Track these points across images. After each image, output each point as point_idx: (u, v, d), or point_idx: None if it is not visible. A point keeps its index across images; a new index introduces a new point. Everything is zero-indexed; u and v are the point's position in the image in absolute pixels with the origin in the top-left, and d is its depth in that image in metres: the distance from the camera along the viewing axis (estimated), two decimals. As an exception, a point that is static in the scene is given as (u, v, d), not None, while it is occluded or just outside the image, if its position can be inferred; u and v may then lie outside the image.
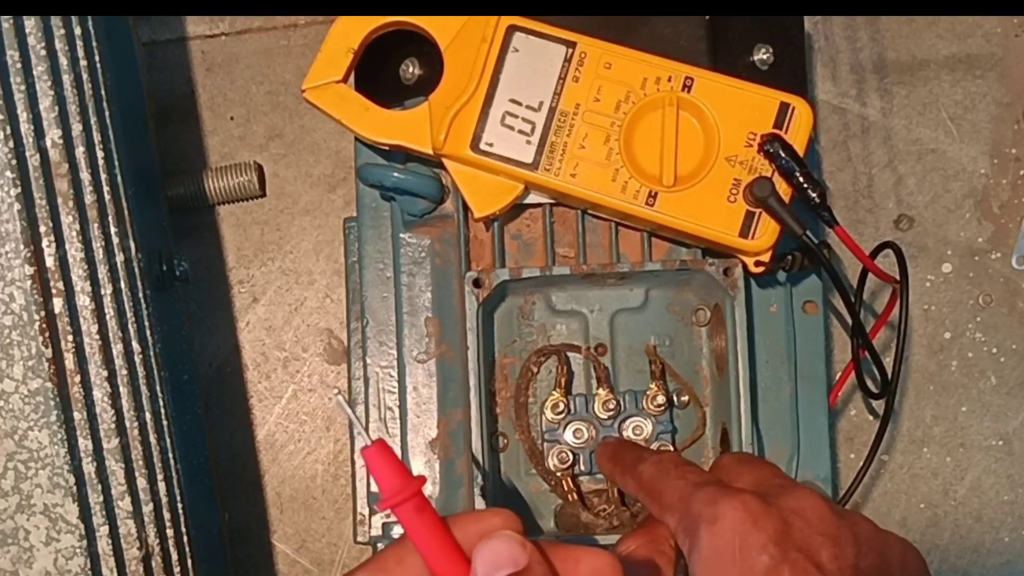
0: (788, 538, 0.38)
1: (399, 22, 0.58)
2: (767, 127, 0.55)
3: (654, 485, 0.45)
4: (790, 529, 0.38)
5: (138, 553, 0.51)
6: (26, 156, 0.46)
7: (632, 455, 0.49)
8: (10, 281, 0.46)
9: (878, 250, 0.59)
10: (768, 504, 0.39)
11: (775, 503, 0.40)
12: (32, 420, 0.47)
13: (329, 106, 0.57)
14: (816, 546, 0.38)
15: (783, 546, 0.38)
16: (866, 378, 0.65)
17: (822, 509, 0.40)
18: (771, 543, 0.38)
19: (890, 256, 0.59)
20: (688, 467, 0.45)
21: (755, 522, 0.38)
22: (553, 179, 0.56)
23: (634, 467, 0.47)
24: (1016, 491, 0.77)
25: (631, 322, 0.61)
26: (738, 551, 0.38)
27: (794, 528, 0.38)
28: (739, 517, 0.39)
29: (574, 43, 0.56)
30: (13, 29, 0.46)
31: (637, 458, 0.47)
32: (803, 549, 0.38)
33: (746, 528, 0.38)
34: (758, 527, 0.38)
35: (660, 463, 0.46)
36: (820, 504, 0.40)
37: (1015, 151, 0.79)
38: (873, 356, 0.61)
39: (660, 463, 0.46)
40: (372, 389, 0.63)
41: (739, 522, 0.38)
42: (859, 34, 0.80)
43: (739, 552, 0.38)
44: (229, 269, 0.79)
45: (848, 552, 0.38)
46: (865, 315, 0.66)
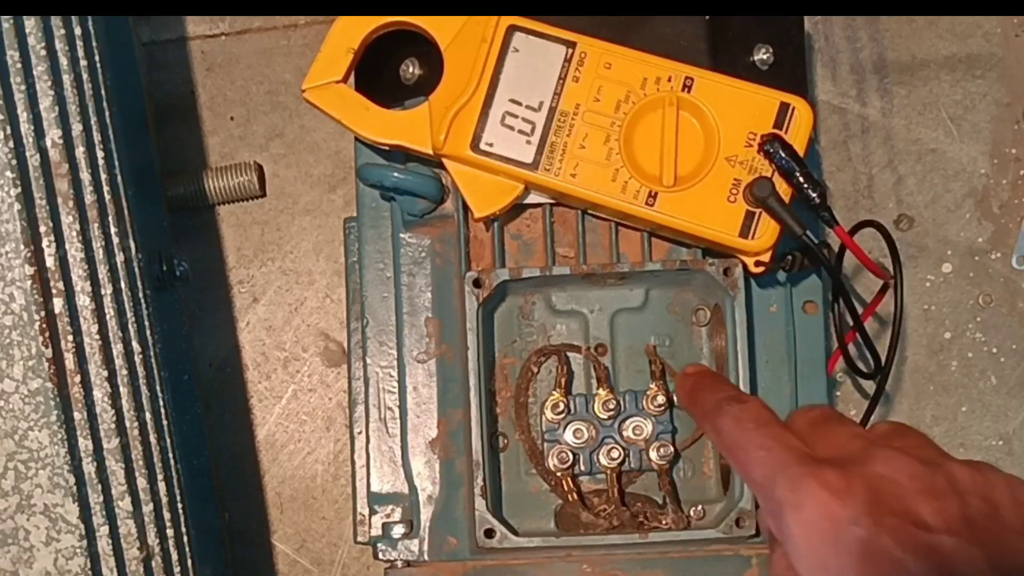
0: (880, 505, 0.36)
1: (399, 22, 0.58)
2: (767, 127, 0.55)
3: (734, 449, 0.42)
4: (881, 496, 0.36)
5: (138, 553, 0.51)
6: (26, 156, 0.46)
7: (711, 398, 0.45)
8: (10, 281, 0.46)
9: (859, 227, 0.58)
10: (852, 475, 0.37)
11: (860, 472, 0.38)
12: (32, 420, 0.47)
13: (329, 106, 0.57)
14: (914, 506, 0.36)
15: (876, 515, 0.36)
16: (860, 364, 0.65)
17: (912, 467, 0.37)
18: (863, 515, 0.36)
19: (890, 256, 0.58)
20: (772, 429, 0.41)
21: (841, 498, 0.36)
22: (553, 179, 0.56)
23: (714, 418, 0.44)
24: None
25: (631, 322, 0.61)
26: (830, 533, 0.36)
27: (885, 493, 0.36)
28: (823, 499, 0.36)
29: (574, 43, 0.56)
30: (13, 29, 0.46)
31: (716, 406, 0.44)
32: (900, 513, 0.36)
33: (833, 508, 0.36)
34: (844, 503, 0.36)
35: (740, 420, 0.42)
36: (909, 462, 0.38)
37: (1015, 151, 0.79)
38: (864, 339, 0.60)
39: (740, 420, 0.42)
40: (372, 389, 0.63)
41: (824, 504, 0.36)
42: (859, 34, 0.80)
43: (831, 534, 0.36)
44: (229, 269, 0.79)
45: (951, 503, 0.36)
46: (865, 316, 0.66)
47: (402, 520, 0.61)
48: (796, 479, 0.38)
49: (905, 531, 0.35)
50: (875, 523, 0.35)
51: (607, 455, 0.59)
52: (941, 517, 0.36)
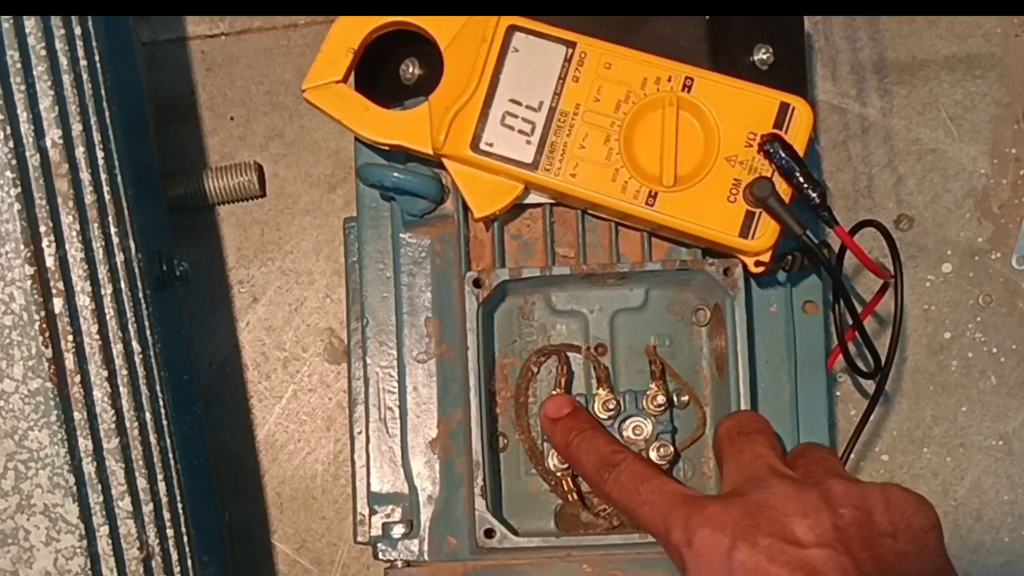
0: (756, 530, 0.39)
1: (399, 22, 0.58)
2: (767, 127, 0.55)
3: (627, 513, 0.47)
4: (757, 520, 0.40)
5: (138, 553, 0.51)
6: (26, 156, 0.46)
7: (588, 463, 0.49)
8: (10, 281, 0.46)
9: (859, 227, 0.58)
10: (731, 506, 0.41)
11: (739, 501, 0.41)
12: (32, 420, 0.47)
13: (329, 106, 0.57)
14: (788, 525, 0.39)
15: (752, 538, 0.39)
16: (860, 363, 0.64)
17: (788, 490, 0.41)
18: (739, 540, 0.39)
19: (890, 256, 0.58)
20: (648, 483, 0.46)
21: (722, 529, 0.40)
22: (553, 179, 0.56)
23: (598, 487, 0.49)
24: (1016, 491, 0.77)
25: (631, 322, 0.61)
26: (715, 561, 0.40)
27: (761, 518, 0.40)
28: (707, 531, 0.40)
29: (574, 43, 0.56)
30: (13, 29, 0.46)
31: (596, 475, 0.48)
32: (774, 533, 0.39)
33: (715, 537, 0.40)
34: (724, 532, 0.40)
35: (619, 484, 0.47)
36: (786, 486, 0.41)
37: (1015, 151, 0.79)
38: (864, 338, 0.60)
39: (619, 484, 0.47)
40: (372, 389, 0.63)
41: (708, 535, 0.40)
42: (859, 34, 0.80)
43: (716, 561, 0.40)
44: (229, 269, 0.79)
45: (823, 518, 0.39)
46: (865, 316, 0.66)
47: (402, 520, 0.61)
48: (683, 519, 0.42)
49: (779, 549, 0.38)
50: (751, 545, 0.39)
51: (607, 455, 0.59)
52: (813, 532, 0.39)
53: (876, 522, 0.40)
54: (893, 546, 0.39)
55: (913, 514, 0.40)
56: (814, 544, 0.38)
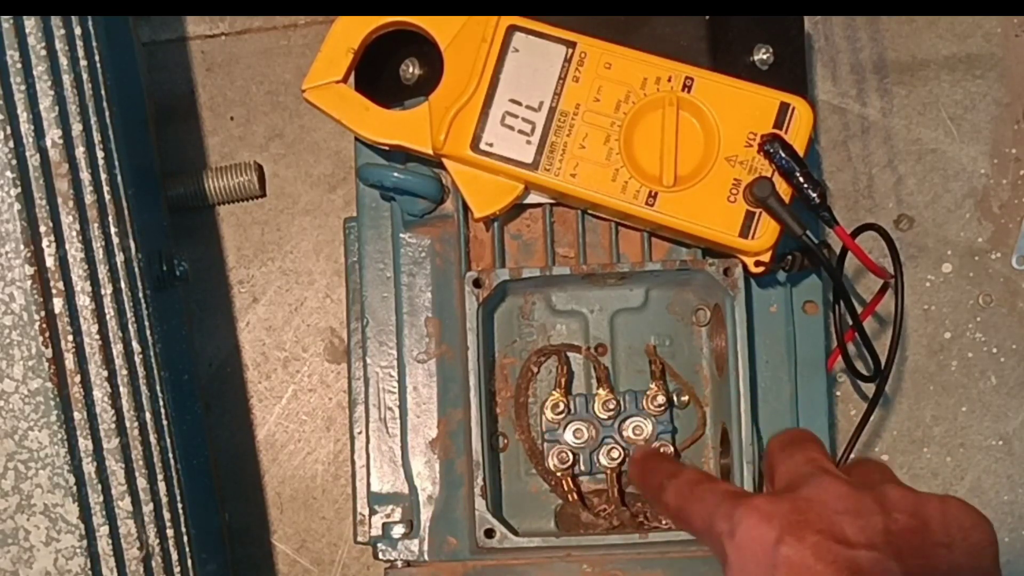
0: (805, 525, 0.38)
1: (399, 22, 0.58)
2: (767, 127, 0.55)
3: (680, 514, 0.45)
4: (806, 516, 0.38)
5: (138, 553, 0.51)
6: (26, 156, 0.46)
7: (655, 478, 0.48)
8: (10, 281, 0.46)
9: (860, 230, 0.58)
10: (780, 500, 0.39)
11: (789, 496, 0.40)
12: (32, 420, 0.47)
13: (329, 106, 0.57)
14: (838, 524, 0.38)
15: (800, 533, 0.38)
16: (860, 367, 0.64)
17: (840, 489, 0.39)
18: (787, 534, 0.38)
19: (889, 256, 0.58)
20: (705, 484, 0.44)
21: (769, 519, 0.38)
22: (553, 179, 0.56)
23: (659, 495, 0.47)
24: (1016, 491, 0.77)
25: (631, 322, 0.61)
26: (759, 553, 0.38)
27: (811, 513, 0.38)
28: (752, 522, 0.39)
29: (574, 43, 0.56)
30: (13, 29, 0.46)
31: (659, 486, 0.47)
32: (823, 531, 0.38)
33: (760, 530, 0.38)
34: (771, 525, 0.38)
35: (679, 488, 0.46)
36: (837, 485, 0.39)
37: (1015, 151, 0.79)
38: (864, 339, 0.60)
39: (679, 488, 0.46)
40: (372, 389, 0.63)
41: (753, 526, 0.39)
42: (859, 34, 0.80)
43: (760, 552, 0.38)
44: (229, 269, 0.79)
45: (875, 520, 0.38)
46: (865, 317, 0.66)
47: (402, 520, 0.61)
48: (728, 510, 0.40)
49: (826, 547, 0.37)
50: (798, 540, 0.37)
51: (607, 455, 0.59)
52: (863, 534, 0.37)
53: (932, 531, 0.38)
54: (947, 556, 0.38)
55: (971, 528, 0.39)
56: (863, 545, 0.37)
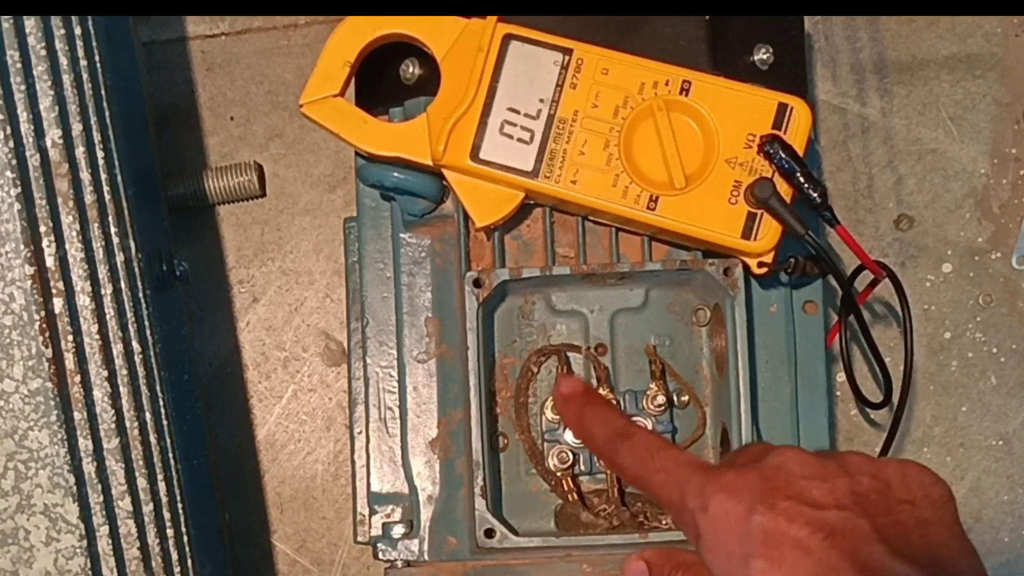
0: (774, 492, 0.39)
1: (395, 35, 0.58)
2: (766, 128, 0.55)
3: (639, 482, 0.46)
4: (774, 484, 0.39)
5: (138, 553, 0.51)
6: (26, 156, 0.46)
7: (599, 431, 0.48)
8: (10, 281, 0.46)
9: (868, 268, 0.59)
10: (747, 471, 0.40)
11: (755, 468, 0.41)
12: (32, 420, 0.47)
13: (327, 120, 0.57)
14: (806, 489, 0.39)
15: (770, 501, 0.39)
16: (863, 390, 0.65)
17: (802, 457, 0.41)
18: (758, 503, 0.39)
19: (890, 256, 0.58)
20: (665, 452, 0.45)
21: (740, 491, 0.39)
22: (554, 186, 0.56)
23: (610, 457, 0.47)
24: (1016, 491, 0.77)
25: (631, 322, 0.61)
26: (733, 524, 0.39)
27: (778, 482, 0.39)
28: (724, 496, 0.40)
29: (570, 50, 0.56)
30: (13, 29, 0.46)
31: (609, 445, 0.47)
32: (792, 496, 0.39)
33: (732, 501, 0.39)
34: (741, 496, 0.39)
35: (636, 453, 0.46)
36: (799, 454, 0.41)
37: (1015, 151, 0.79)
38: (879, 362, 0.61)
39: (636, 453, 0.46)
40: (372, 389, 0.63)
41: (725, 499, 0.40)
42: (859, 34, 0.80)
43: (734, 525, 0.39)
44: (229, 269, 0.79)
45: (840, 483, 0.39)
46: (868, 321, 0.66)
47: (402, 520, 0.61)
48: (698, 486, 0.41)
49: (798, 511, 0.38)
50: (769, 508, 0.38)
51: (607, 455, 0.59)
52: (831, 495, 0.39)
53: (894, 490, 0.40)
54: (912, 512, 0.39)
55: (930, 485, 0.40)
56: (832, 506, 0.38)
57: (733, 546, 0.39)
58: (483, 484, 0.56)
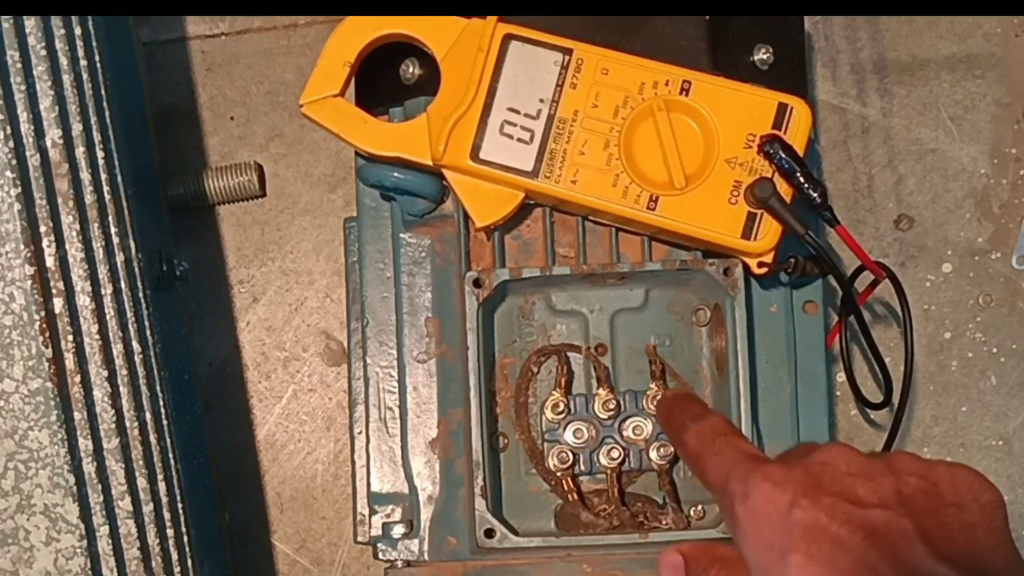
0: (818, 487, 0.39)
1: (395, 35, 0.58)
2: (766, 128, 0.55)
3: (695, 459, 0.45)
4: (819, 480, 0.39)
5: (138, 553, 0.51)
6: (26, 156, 0.46)
7: (679, 417, 0.48)
8: (10, 281, 0.46)
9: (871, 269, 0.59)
10: (793, 466, 0.40)
11: (801, 462, 0.40)
12: (32, 420, 0.47)
13: (327, 120, 0.57)
14: (850, 486, 0.39)
15: (813, 496, 0.38)
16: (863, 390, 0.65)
17: (850, 454, 0.40)
18: (801, 497, 0.38)
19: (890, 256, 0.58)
20: (727, 437, 0.45)
21: (783, 485, 0.39)
22: (554, 186, 0.56)
23: (680, 434, 0.47)
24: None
25: (631, 322, 0.61)
26: (774, 516, 0.39)
27: (823, 477, 0.39)
28: (767, 486, 0.39)
29: (570, 50, 0.56)
30: (13, 29, 0.46)
31: (682, 425, 0.47)
32: (836, 493, 0.38)
33: (775, 494, 0.39)
34: (785, 489, 0.39)
35: (700, 433, 0.46)
36: (847, 451, 0.40)
37: (1015, 151, 0.79)
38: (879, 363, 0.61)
39: (700, 433, 0.46)
40: (372, 389, 0.63)
41: (768, 490, 0.39)
42: (859, 34, 0.80)
43: (775, 517, 0.38)
44: (229, 269, 0.79)
45: (886, 482, 0.39)
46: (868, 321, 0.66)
47: (402, 520, 0.61)
48: (744, 474, 0.41)
49: (840, 508, 0.38)
50: (812, 503, 0.38)
51: (607, 455, 0.59)
52: (876, 494, 0.38)
53: (942, 492, 0.39)
54: (958, 516, 0.38)
55: (980, 490, 0.39)
56: (876, 505, 0.38)
57: (772, 538, 0.38)
58: (483, 484, 0.56)
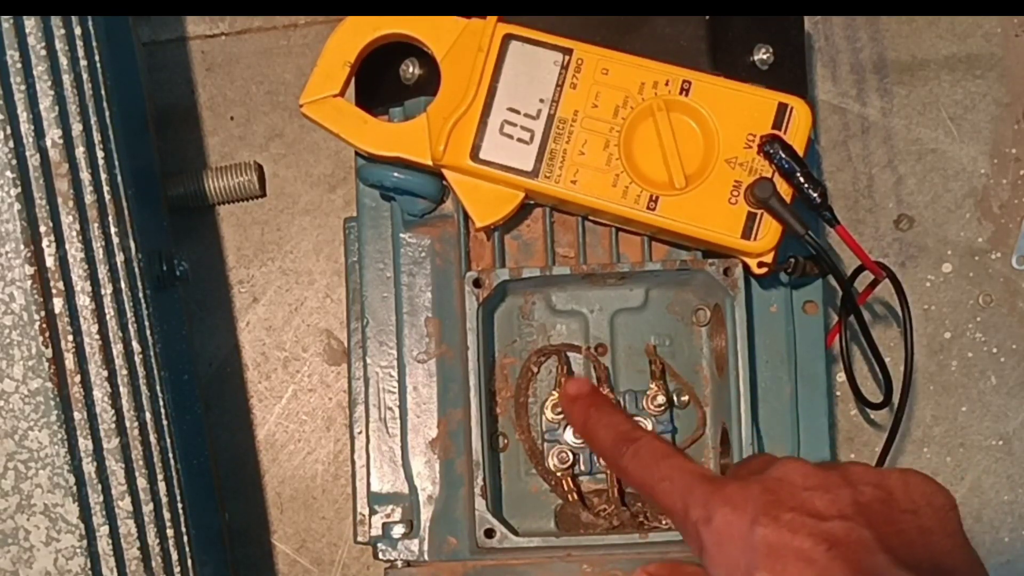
0: (777, 504, 0.39)
1: (395, 35, 0.58)
2: (766, 128, 0.55)
3: (642, 487, 0.46)
4: (777, 496, 0.40)
5: (138, 553, 0.51)
6: (26, 156, 0.46)
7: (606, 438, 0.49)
8: (10, 281, 0.46)
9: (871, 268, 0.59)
10: (750, 484, 0.41)
11: (758, 480, 0.41)
12: (32, 420, 0.47)
13: (327, 120, 0.57)
14: (808, 500, 0.39)
15: (773, 513, 0.39)
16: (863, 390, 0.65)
17: (804, 468, 0.41)
18: (761, 515, 0.39)
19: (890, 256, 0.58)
20: (670, 460, 0.45)
21: (743, 504, 0.40)
22: (554, 186, 0.56)
23: (615, 461, 0.48)
24: (1016, 491, 0.77)
25: (631, 322, 0.61)
26: (736, 537, 0.39)
27: (781, 493, 0.40)
28: (728, 509, 0.40)
29: (570, 50, 0.56)
30: (13, 29, 0.46)
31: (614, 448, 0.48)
32: (795, 508, 0.39)
33: (736, 514, 0.40)
34: (745, 508, 0.40)
35: (641, 459, 0.46)
36: (802, 465, 0.41)
37: (1015, 151, 0.79)
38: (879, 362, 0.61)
39: (641, 459, 0.46)
40: (372, 389, 0.63)
41: (729, 512, 0.40)
42: (859, 34, 0.80)
43: (737, 537, 0.39)
44: (229, 269, 0.79)
45: (843, 493, 0.39)
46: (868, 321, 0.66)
47: (402, 520, 0.61)
48: (702, 498, 0.41)
49: (801, 522, 0.38)
50: (773, 520, 0.39)
51: (607, 455, 0.59)
52: (834, 506, 0.39)
53: (897, 500, 0.40)
54: (915, 521, 0.39)
55: (932, 494, 0.40)
56: (836, 516, 0.38)
57: (737, 558, 0.39)
58: (483, 484, 0.56)
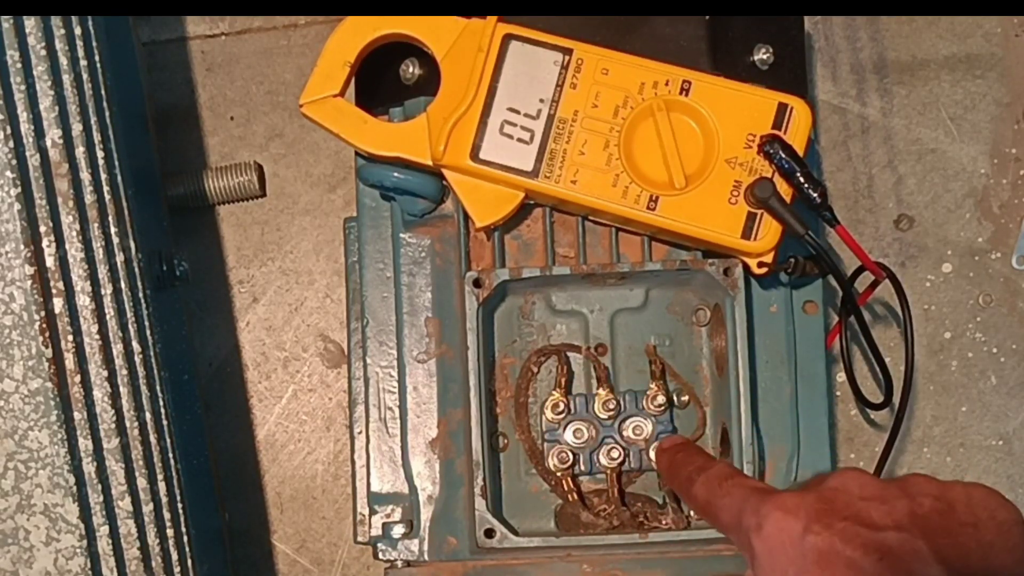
0: (831, 513, 0.39)
1: (395, 35, 0.58)
2: (766, 128, 0.55)
3: (708, 508, 0.46)
4: (832, 505, 0.39)
5: (138, 553, 0.51)
6: (26, 156, 0.46)
7: (684, 470, 0.49)
8: (10, 281, 0.46)
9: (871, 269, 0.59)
10: (806, 493, 0.40)
11: (814, 488, 0.40)
12: (32, 420, 0.47)
13: (327, 120, 0.57)
14: (864, 510, 0.39)
15: (827, 521, 0.38)
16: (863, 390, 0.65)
17: (863, 478, 0.40)
18: (814, 523, 0.38)
19: (890, 256, 0.58)
20: (734, 479, 0.45)
21: (795, 511, 0.39)
22: (554, 186, 0.56)
23: (688, 489, 0.48)
24: (1016, 491, 0.77)
25: (631, 322, 0.61)
26: (787, 543, 0.39)
27: (836, 503, 0.39)
28: (779, 515, 0.40)
29: (570, 50, 0.56)
30: (13, 29, 0.46)
31: (688, 479, 0.48)
32: (849, 517, 0.38)
33: (788, 522, 0.39)
34: (798, 516, 0.39)
35: (708, 482, 0.47)
36: (860, 475, 0.40)
37: (1015, 151, 0.79)
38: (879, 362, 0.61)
39: (708, 482, 0.47)
40: (372, 389, 0.63)
41: (780, 518, 0.39)
42: (859, 34, 0.80)
43: (788, 544, 0.39)
44: (229, 269, 0.79)
45: (900, 504, 0.39)
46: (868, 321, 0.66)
47: (402, 520, 0.61)
48: (755, 506, 0.41)
49: (853, 531, 0.38)
50: (825, 527, 0.38)
51: (607, 455, 0.59)
52: (889, 517, 0.38)
53: (957, 512, 0.39)
54: (975, 535, 0.38)
55: (996, 508, 0.39)
56: (890, 527, 0.38)
57: (787, 565, 0.38)
58: (483, 484, 0.56)
